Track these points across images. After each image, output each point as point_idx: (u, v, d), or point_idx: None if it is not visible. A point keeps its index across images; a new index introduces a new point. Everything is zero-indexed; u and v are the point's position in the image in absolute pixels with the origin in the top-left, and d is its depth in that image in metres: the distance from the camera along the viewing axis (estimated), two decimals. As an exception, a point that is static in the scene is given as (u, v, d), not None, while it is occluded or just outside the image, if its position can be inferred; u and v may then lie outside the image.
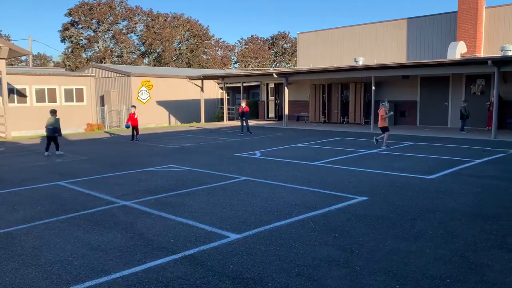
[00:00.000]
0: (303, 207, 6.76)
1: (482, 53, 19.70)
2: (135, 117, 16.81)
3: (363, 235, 5.44)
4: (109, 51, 57.05)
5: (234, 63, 67.52)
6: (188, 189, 8.16)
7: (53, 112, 13.25)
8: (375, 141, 13.76)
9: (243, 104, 18.43)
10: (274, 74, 22.04)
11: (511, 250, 4.86)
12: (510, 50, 17.00)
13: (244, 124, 18.45)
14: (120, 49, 58.31)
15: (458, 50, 19.20)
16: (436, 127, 19.29)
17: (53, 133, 12.99)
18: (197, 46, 60.77)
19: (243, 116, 18.36)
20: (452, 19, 20.67)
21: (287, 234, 5.51)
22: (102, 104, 29.32)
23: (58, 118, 13.21)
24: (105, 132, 22.61)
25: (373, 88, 18.70)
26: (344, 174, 9.33)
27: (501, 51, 17.32)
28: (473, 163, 10.36)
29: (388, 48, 23.09)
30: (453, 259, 4.63)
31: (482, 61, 15.42)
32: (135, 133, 16.88)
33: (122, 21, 57.90)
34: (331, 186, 8.14)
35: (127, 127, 16.92)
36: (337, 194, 7.53)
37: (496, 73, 15.00)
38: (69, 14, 54.74)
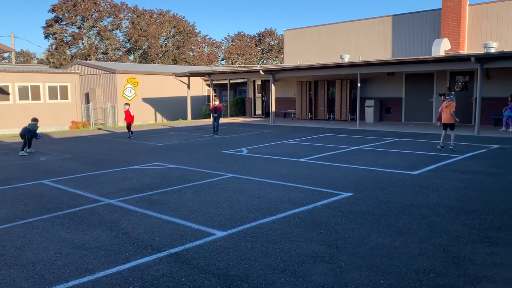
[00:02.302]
0: (289, 203, 6.78)
1: (465, 50, 19.95)
2: (132, 114, 17.39)
3: (348, 230, 5.48)
4: (94, 48, 56.40)
5: (221, 60, 67.37)
6: (173, 187, 8.12)
7: (35, 120, 13.80)
8: (452, 148, 11.67)
9: (216, 102, 17.57)
10: (260, 71, 22.02)
11: (493, 244, 4.94)
12: (492, 47, 17.23)
13: (216, 123, 17.28)
14: (105, 45, 57.70)
15: (442, 47, 19.41)
16: (421, 123, 19.49)
17: (29, 133, 13.28)
18: (183, 43, 60.44)
19: (215, 113, 17.34)
20: (436, 16, 20.89)
21: (273, 231, 5.52)
22: (87, 102, 29.00)
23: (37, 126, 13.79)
24: (99, 129, 22.36)
25: (359, 85, 18.81)
26: (330, 170, 9.38)
27: (484, 48, 17.55)
28: (456, 158, 10.50)
29: (373, 45, 23.23)
30: (437, 254, 4.69)
31: (466, 58, 15.62)
32: (129, 129, 17.31)
33: (107, 18, 57.27)
34: (317, 182, 8.17)
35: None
36: (323, 190, 7.56)
37: (479, 69, 15.22)
38: (53, 10, 53.97)
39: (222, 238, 5.28)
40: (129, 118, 17.27)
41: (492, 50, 17.09)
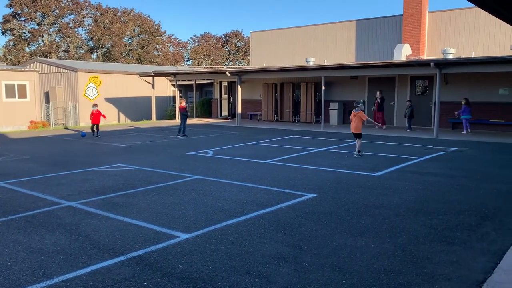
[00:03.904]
0: (254, 205, 6.80)
1: (425, 55, 20.63)
2: (103, 114, 17.85)
3: (312, 231, 5.55)
4: (54, 46, 54.60)
5: (187, 60, 66.76)
6: (137, 189, 7.98)
7: None
8: (358, 155, 11.53)
9: (183, 103, 17.37)
10: (227, 72, 21.99)
11: (449, 243, 5.13)
12: (450, 53, 17.92)
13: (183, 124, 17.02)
14: (67, 43, 55.99)
15: (403, 52, 20.00)
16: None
17: None
18: (148, 42, 59.52)
19: (187, 113, 17.22)
20: (398, 22, 21.50)
21: (237, 233, 5.51)
22: (47, 101, 28.05)
23: None
24: (65, 128, 21.63)
25: (323, 88, 19.11)
26: (294, 171, 9.47)
27: (443, 53, 18.23)
28: (416, 160, 10.84)
29: (337, 49, 23.66)
30: (396, 253, 4.82)
31: (425, 63, 16.18)
32: (95, 129, 17.45)
33: (69, 15, 55.60)
34: (282, 184, 8.24)
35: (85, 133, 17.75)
36: (287, 192, 7.63)
37: (438, 74, 15.78)
38: (11, 6, 51.87)
39: (186, 241, 5.23)
40: (97, 119, 17.38)
41: (450, 56, 17.77)
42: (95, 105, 18.11)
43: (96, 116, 17.43)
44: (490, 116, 17.51)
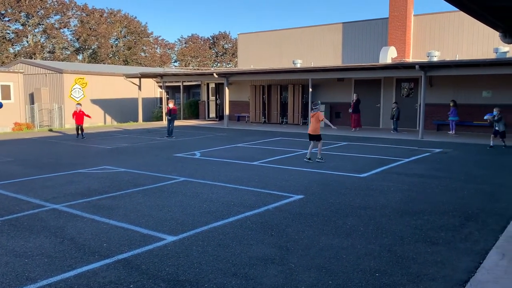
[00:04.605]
0: (241, 206, 6.80)
1: (410, 58, 20.88)
2: (86, 114, 17.55)
3: (299, 232, 5.57)
4: (39, 46, 53.91)
5: (174, 62, 66.48)
6: (123, 191, 7.92)
7: None
8: (307, 160, 10.96)
9: (171, 105, 17.25)
10: (214, 74, 21.97)
11: (434, 243, 5.19)
12: (435, 56, 18.16)
13: (171, 126, 17.05)
14: (52, 44, 55.33)
15: (389, 55, 20.20)
16: (369, 128, 20.17)
17: None
18: (134, 44, 59.14)
19: (169, 116, 17.12)
20: (384, 25, 21.72)
21: (224, 234, 5.51)
22: (32, 102, 27.67)
23: None
24: (50, 130, 21.34)
25: (310, 90, 19.20)
26: (282, 173, 9.50)
27: (428, 56, 18.46)
28: (402, 161, 10.95)
29: (324, 51, 23.80)
30: (382, 254, 4.87)
31: (411, 66, 16.36)
32: (80, 131, 17.26)
33: (54, 15, 54.94)
34: (269, 185, 8.25)
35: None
36: (275, 193, 7.64)
37: (423, 77, 15.98)
38: (-6, 5, 51.08)
39: (172, 243, 5.21)
40: (80, 119, 17.06)
41: (435, 59, 18.01)
42: (78, 103, 17.76)
43: (79, 116, 17.07)
44: (474, 118, 17.77)
